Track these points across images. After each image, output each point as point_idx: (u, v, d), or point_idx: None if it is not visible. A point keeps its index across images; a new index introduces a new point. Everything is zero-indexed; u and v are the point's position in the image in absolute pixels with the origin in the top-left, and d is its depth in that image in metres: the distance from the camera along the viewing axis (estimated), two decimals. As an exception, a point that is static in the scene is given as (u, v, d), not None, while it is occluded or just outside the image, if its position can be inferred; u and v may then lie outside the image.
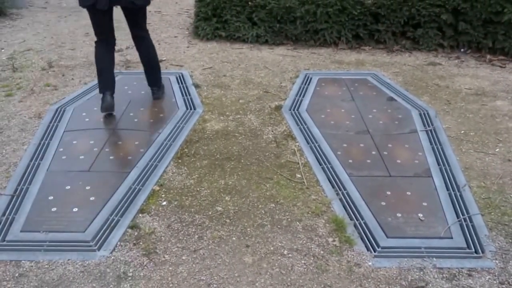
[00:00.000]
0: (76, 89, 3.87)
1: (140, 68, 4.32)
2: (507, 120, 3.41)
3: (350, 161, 2.85)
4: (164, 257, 2.11)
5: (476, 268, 2.07)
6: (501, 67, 4.47)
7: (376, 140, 3.08)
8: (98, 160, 2.82)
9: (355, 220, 2.36)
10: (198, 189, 2.60)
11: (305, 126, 3.28)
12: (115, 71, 3.35)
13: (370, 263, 2.09)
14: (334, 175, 2.72)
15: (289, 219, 2.36)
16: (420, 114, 3.44)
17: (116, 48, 4.81)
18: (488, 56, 4.64)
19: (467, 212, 2.41)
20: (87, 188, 2.55)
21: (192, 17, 5.87)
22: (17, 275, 2.00)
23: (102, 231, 2.24)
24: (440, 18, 4.66)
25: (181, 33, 5.58)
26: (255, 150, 3.00)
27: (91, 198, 2.47)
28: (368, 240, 2.23)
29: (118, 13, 3.23)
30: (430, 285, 1.97)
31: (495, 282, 1.99)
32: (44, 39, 5.26)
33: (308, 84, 4.00)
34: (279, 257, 2.11)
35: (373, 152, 2.94)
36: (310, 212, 2.42)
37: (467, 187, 2.62)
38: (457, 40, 4.81)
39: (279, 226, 2.31)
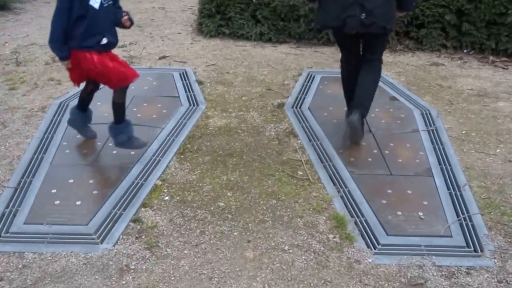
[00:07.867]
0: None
1: (144, 64, 4.35)
2: (508, 121, 3.41)
3: (352, 159, 2.87)
4: (166, 251, 2.13)
5: (475, 266, 2.09)
6: (503, 68, 4.47)
7: (378, 139, 3.09)
8: (102, 154, 2.84)
9: (356, 217, 2.38)
10: (200, 184, 2.62)
11: (307, 124, 3.29)
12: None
13: (370, 260, 2.11)
14: (336, 173, 2.73)
15: (290, 216, 2.38)
16: (422, 114, 3.45)
17: (120, 44, 4.79)
18: (491, 57, 4.65)
19: (467, 212, 2.42)
20: (90, 181, 2.57)
21: (196, 14, 5.88)
22: (20, 266, 2.02)
23: (105, 224, 2.26)
24: (444, 19, 4.66)
25: (184, 30, 5.59)
26: (257, 147, 3.01)
27: (94, 192, 2.49)
28: (369, 237, 2.25)
29: (123, 4, 3.15)
30: (429, 282, 1.99)
31: (493, 280, 2.01)
32: (48, 33, 5.27)
33: (311, 82, 4.01)
34: (280, 253, 2.13)
35: (375, 151, 2.96)
36: (311, 209, 2.43)
37: (468, 186, 2.63)
38: (461, 41, 4.81)
39: (280, 222, 2.33)
